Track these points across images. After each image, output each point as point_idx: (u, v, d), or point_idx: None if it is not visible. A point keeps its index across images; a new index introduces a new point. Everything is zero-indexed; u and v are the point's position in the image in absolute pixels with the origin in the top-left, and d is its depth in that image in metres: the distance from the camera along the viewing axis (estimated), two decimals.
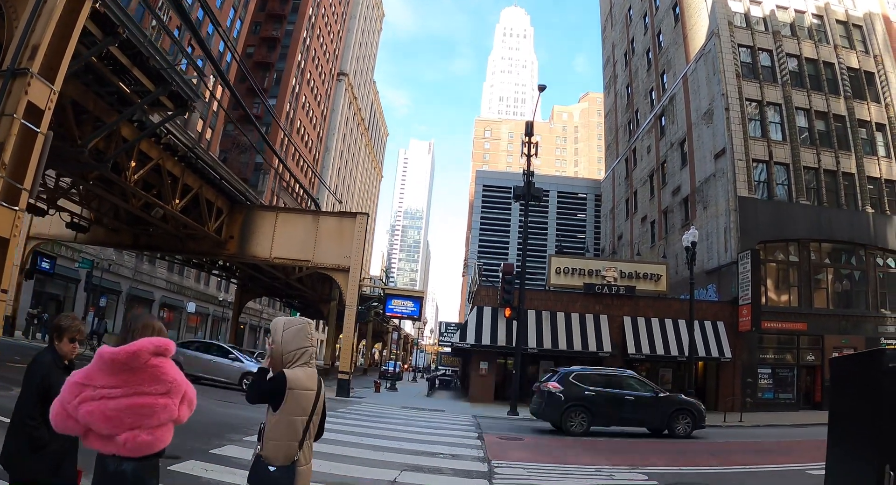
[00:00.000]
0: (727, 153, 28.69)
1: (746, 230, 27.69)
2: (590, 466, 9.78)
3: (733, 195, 28.07)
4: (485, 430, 15.03)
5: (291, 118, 62.31)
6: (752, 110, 30.17)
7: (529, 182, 22.75)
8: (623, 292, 27.09)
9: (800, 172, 29.63)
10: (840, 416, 5.09)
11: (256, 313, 63.50)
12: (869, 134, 32.18)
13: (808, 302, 28.68)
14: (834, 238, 29.60)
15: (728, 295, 28.01)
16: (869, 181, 31.22)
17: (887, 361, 4.21)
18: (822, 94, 31.60)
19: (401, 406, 21.48)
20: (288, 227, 26.82)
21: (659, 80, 38.97)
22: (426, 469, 8.34)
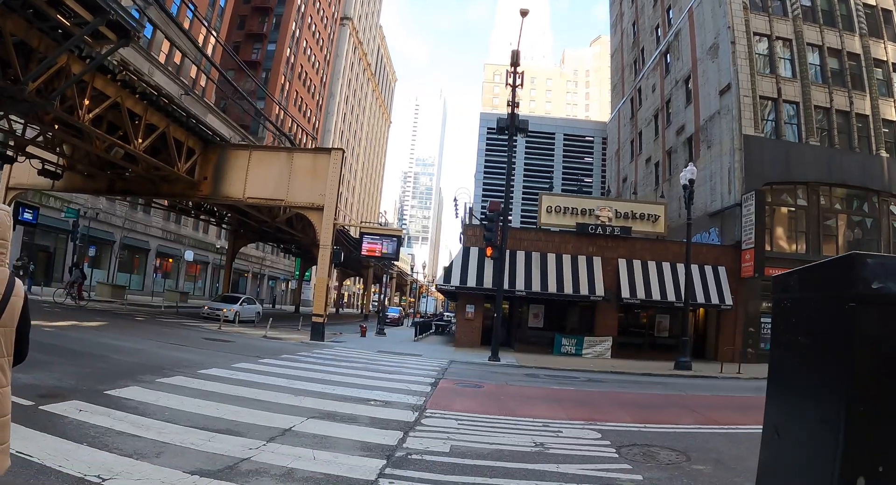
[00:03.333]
0: (732, 89, 27.89)
1: (752, 171, 26.97)
2: (539, 419, 9.15)
3: (738, 134, 27.31)
4: (448, 376, 14.61)
5: (292, 63, 61.69)
6: (761, 45, 29.32)
7: (514, 114, 22.09)
8: (618, 233, 26.49)
9: (810, 112, 28.82)
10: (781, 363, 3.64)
11: (258, 261, 63.34)
12: (885, 74, 31.34)
13: (817, 249, 28.01)
14: (845, 182, 28.89)
15: (731, 239, 27.41)
16: (884, 124, 30.51)
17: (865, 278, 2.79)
18: (835, 30, 30.68)
19: (377, 351, 21.14)
20: (262, 165, 26.37)
21: (665, 15, 38.03)
22: (340, 417, 7.88)
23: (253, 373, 11.29)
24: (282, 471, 5.18)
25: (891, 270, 2.80)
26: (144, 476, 4.63)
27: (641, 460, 6.78)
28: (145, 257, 44.10)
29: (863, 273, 2.81)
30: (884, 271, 2.79)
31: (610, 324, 26.39)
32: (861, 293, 2.78)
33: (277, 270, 70.64)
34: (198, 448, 5.62)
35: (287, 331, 26.75)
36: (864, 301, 2.78)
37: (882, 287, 2.77)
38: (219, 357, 13.43)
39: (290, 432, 6.68)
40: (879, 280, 2.79)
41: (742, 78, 27.81)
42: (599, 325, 26.34)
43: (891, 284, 2.76)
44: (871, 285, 2.78)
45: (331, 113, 78.41)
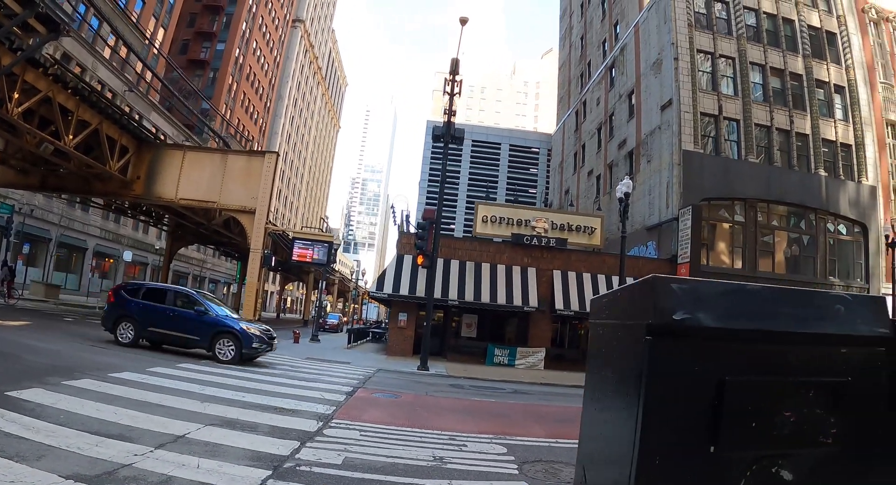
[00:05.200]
0: (674, 105, 28.75)
1: (690, 186, 27.74)
2: (448, 432, 9.23)
3: (678, 149, 28.13)
4: (368, 385, 14.71)
5: (241, 64, 61.63)
6: (704, 62, 30.33)
7: (450, 122, 22.42)
8: (554, 245, 26.99)
9: (751, 129, 29.83)
10: (592, 389, 3.50)
11: (199, 263, 62.57)
12: (826, 95, 32.58)
13: (753, 265, 28.89)
14: (784, 200, 29.92)
15: (668, 253, 28.19)
16: (824, 144, 31.75)
17: (665, 307, 2.55)
18: (779, 50, 31.87)
19: (305, 357, 21.22)
20: (195, 166, 26.41)
21: (612, 30, 39.22)
22: (240, 425, 7.86)
23: (166, 378, 11.26)
24: (160, 479, 5.19)
25: (698, 297, 2.58)
26: (17, 479, 4.66)
27: (542, 477, 6.77)
28: (82, 256, 43.49)
29: (662, 301, 2.54)
30: (689, 299, 2.55)
31: (543, 335, 26.82)
32: (659, 324, 2.53)
33: (218, 273, 69.94)
34: (82, 453, 5.61)
35: None
36: (662, 333, 2.52)
37: (688, 318, 2.53)
38: (136, 361, 13.23)
39: (183, 439, 6.65)
40: (684, 310, 2.53)
41: (684, 94, 28.65)
42: (533, 336, 26.76)
43: (700, 315, 2.54)
44: (671, 315, 2.52)
45: (278, 115, 78.59)
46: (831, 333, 2.68)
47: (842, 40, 34.01)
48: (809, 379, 2.63)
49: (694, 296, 2.56)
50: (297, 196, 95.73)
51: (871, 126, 32.96)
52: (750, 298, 2.67)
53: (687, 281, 2.60)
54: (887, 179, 33.09)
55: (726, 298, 2.64)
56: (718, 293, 2.64)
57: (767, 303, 2.67)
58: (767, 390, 2.58)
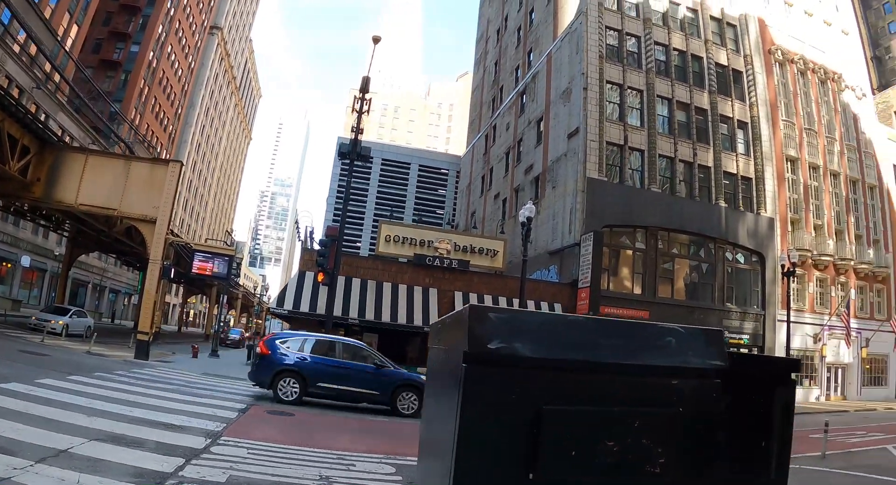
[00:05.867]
0: (580, 133, 29.78)
1: (593, 213, 28.73)
2: (338, 451, 9.38)
3: (582, 176, 29.15)
4: (263, 403, 14.74)
5: (154, 68, 60.59)
6: (612, 93, 31.47)
7: (356, 140, 22.81)
8: (456, 266, 27.55)
9: (655, 160, 31.12)
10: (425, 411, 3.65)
11: (100, 272, 60.62)
12: (730, 130, 34.25)
13: (653, 291, 30.00)
14: (684, 229, 31.23)
15: (569, 277, 29.05)
16: (725, 176, 33.31)
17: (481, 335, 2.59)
18: (686, 85, 33.39)
19: (202, 373, 21.08)
20: (98, 171, 26.00)
21: (526, 57, 40.49)
22: (126, 441, 7.78)
23: (55, 390, 11.01)
24: None
25: (516, 327, 2.62)
26: None
27: None
28: None
29: (477, 330, 2.57)
30: (507, 329, 2.59)
31: None
32: (474, 353, 2.54)
33: (120, 283, 68.04)
34: None
35: (115, 347, 26.17)
36: (477, 361, 2.53)
37: (504, 347, 2.56)
38: (26, 371, 12.87)
39: (66, 454, 6.55)
40: (500, 339, 2.56)
41: (591, 123, 29.75)
42: None
43: (516, 345, 2.57)
44: (486, 344, 2.55)
45: (189, 124, 77.53)
46: (660, 365, 2.73)
47: (747, 78, 35.85)
48: (636, 409, 2.66)
49: (511, 326, 2.60)
50: (204, 207, 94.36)
51: (772, 161, 34.76)
52: (571, 329, 2.74)
53: (505, 311, 2.65)
54: (785, 212, 34.87)
55: (546, 329, 2.68)
56: (538, 323, 2.69)
57: (590, 334, 2.72)
58: (588, 419, 2.61)
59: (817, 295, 36.42)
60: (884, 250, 40.28)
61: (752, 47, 36.69)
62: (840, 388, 37.25)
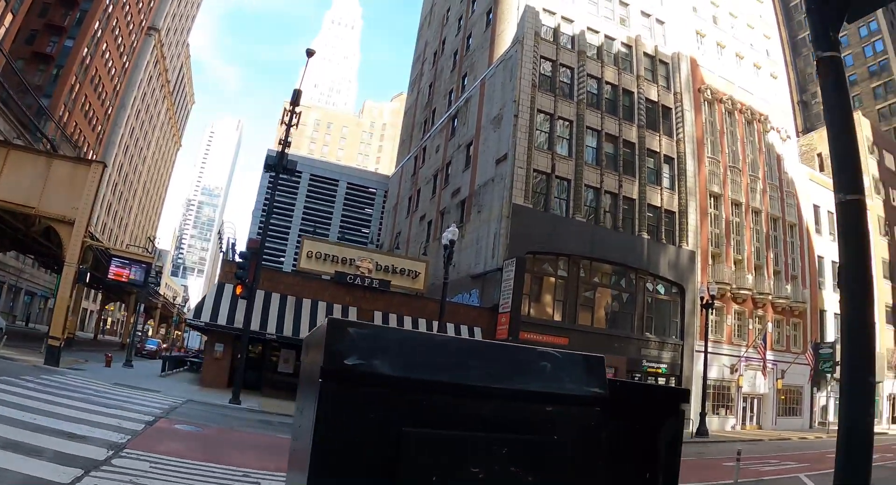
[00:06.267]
0: (509, 159, 30.38)
1: (517, 239, 29.26)
2: (243, 468, 9.30)
3: (508, 202, 29.65)
4: (173, 416, 14.60)
5: (87, 65, 59.26)
6: (543, 122, 32.25)
7: (283, 153, 22.88)
8: (377, 286, 27.68)
9: (581, 190, 31.87)
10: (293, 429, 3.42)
11: (16, 272, 58.62)
12: (656, 164, 35.33)
13: (573, 318, 30.65)
14: (607, 258, 32.03)
15: (490, 302, 29.40)
16: (649, 209, 34.31)
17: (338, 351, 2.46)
18: (616, 118, 34.41)
19: (113, 383, 20.67)
20: (18, 167, 25.43)
21: (460, 81, 41.15)
22: (23, 449, 7.57)
23: None
24: None
25: (377, 344, 2.48)
26: None
27: None
28: None
29: (335, 345, 2.44)
30: (367, 345, 2.46)
31: None
32: (331, 369, 2.42)
33: (36, 285, 65.96)
34: None
35: (26, 352, 25.57)
36: (333, 378, 2.41)
37: (362, 364, 2.44)
38: None
39: None
40: (358, 355, 2.43)
41: (519, 150, 30.38)
42: None
43: (376, 362, 2.44)
44: (344, 360, 2.42)
45: (119, 125, 75.99)
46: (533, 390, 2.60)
47: (676, 115, 37.18)
48: (504, 436, 2.52)
49: (373, 342, 2.47)
50: (128, 212, 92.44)
51: (696, 196, 36.00)
52: (438, 349, 2.59)
53: (368, 326, 2.47)
54: (706, 246, 36.11)
55: (410, 347, 2.53)
56: (401, 341, 2.54)
57: (459, 355, 2.59)
58: (452, 444, 2.47)
59: (735, 327, 37.70)
60: (801, 286, 41.96)
61: (682, 85, 38.09)
62: (756, 417, 38.51)
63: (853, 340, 3.40)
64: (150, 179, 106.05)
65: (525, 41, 32.90)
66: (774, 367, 38.35)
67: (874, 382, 3.41)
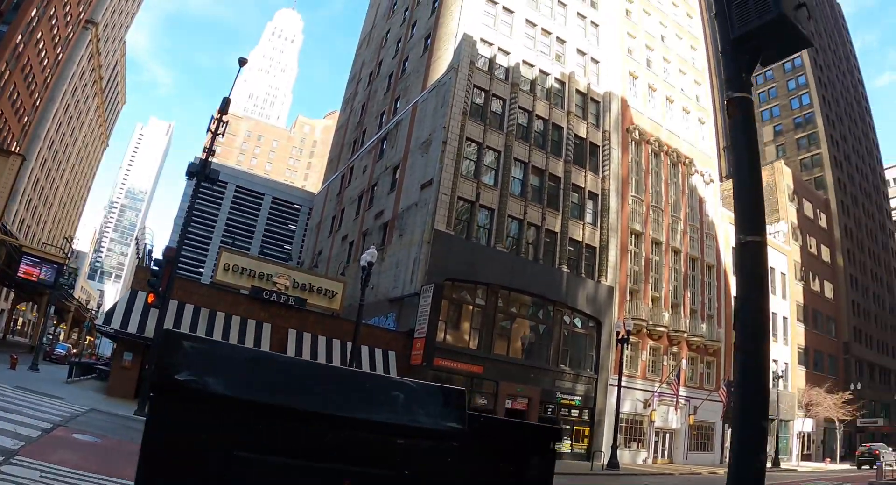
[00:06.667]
0: (433, 185, 30.73)
1: (436, 265, 29.53)
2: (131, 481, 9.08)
3: (430, 227, 29.97)
4: (73, 424, 14.16)
5: (20, 53, 57.37)
6: (471, 150, 32.71)
7: (207, 161, 22.59)
8: (293, 303, 27.46)
9: (504, 220, 32.40)
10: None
11: None
12: (580, 199, 36.21)
13: (489, 347, 30.96)
14: (526, 290, 32.52)
15: (406, 326, 29.48)
16: (570, 243, 35.11)
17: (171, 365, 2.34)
18: (544, 152, 35.22)
19: (15, 386, 19.92)
20: None
21: (393, 104, 41.67)
22: None
23: None
24: None
25: (214, 360, 2.38)
26: None
27: None
28: None
29: (168, 358, 2.33)
30: (202, 361, 2.35)
31: None
32: (161, 383, 2.32)
33: None
34: None
35: None
36: (163, 392, 2.32)
37: (193, 381, 2.31)
38: None
39: None
40: (191, 371, 2.31)
41: (445, 176, 30.78)
42: None
43: (209, 379, 2.33)
44: (174, 375, 2.30)
45: (46, 118, 73.82)
46: (382, 421, 2.50)
47: (603, 153, 38.33)
48: (348, 468, 2.41)
49: (208, 358, 2.35)
50: (48, 209, 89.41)
51: (617, 232, 37.04)
52: (281, 370, 2.52)
53: (206, 341, 2.43)
54: (625, 282, 37.07)
55: (250, 366, 2.44)
56: (241, 359, 2.46)
57: (303, 378, 2.52)
58: (288, 473, 2.35)
59: (650, 363, 38.65)
60: (716, 326, 43.43)
61: (612, 124, 39.36)
62: (667, 452, 39.38)
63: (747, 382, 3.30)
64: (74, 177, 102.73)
65: (460, 69, 33.52)
66: (687, 403, 39.43)
67: (766, 425, 3.29)
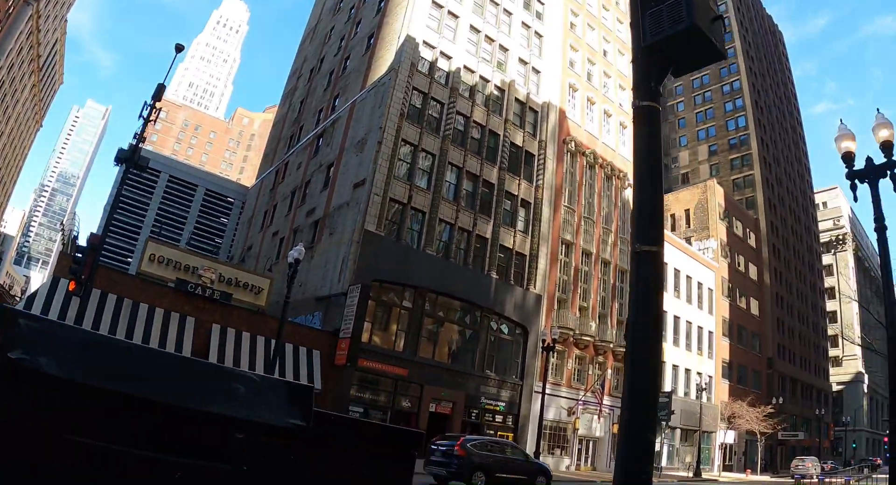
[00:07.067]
0: (366, 185, 30.97)
1: (364, 265, 29.75)
2: None
3: (360, 227, 30.17)
4: None
5: None
6: (406, 152, 32.99)
7: (138, 147, 22.10)
8: (218, 298, 27.14)
9: (435, 224, 32.87)
10: None
11: None
12: (513, 207, 36.94)
13: (415, 350, 31.34)
14: (454, 294, 33.03)
15: (332, 326, 29.51)
16: (501, 249, 35.73)
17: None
18: (479, 158, 35.81)
19: None
20: None
21: (331, 101, 41.84)
22: None
23: None
24: None
25: (51, 340, 2.28)
26: None
27: None
28: None
29: (2, 336, 2.22)
30: (37, 340, 2.25)
31: None
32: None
33: None
34: None
35: None
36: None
37: (26, 360, 2.22)
38: None
39: None
40: (24, 349, 2.22)
41: (378, 177, 31.02)
42: None
43: (43, 359, 2.24)
44: (7, 353, 2.21)
45: None
46: (220, 414, 2.42)
47: (538, 162, 39.17)
48: (182, 459, 2.32)
49: (45, 337, 2.25)
50: None
51: (548, 241, 37.86)
52: (118, 356, 2.43)
53: (42, 320, 2.35)
54: (553, 291, 37.87)
55: (88, 349, 2.34)
56: (79, 341, 2.37)
57: (142, 366, 2.43)
58: (117, 461, 2.25)
59: (575, 371, 39.55)
60: None
61: (548, 134, 40.25)
62: (591, 459, 40.33)
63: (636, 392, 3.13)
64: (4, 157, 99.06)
65: (400, 70, 33.81)
66: (612, 412, 40.42)
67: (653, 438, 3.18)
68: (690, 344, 53.33)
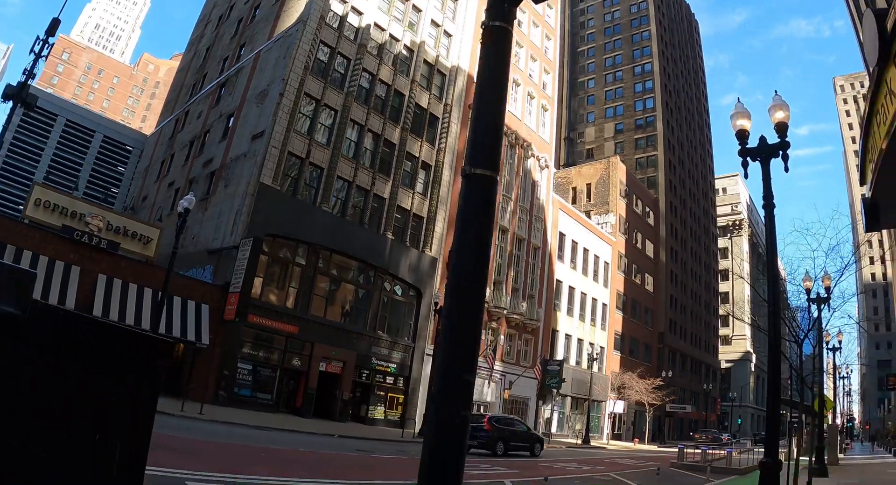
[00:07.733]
0: (264, 137, 30.95)
1: (258, 219, 29.79)
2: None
3: (255, 180, 30.18)
4: None
5: None
6: (307, 106, 32.98)
7: (27, 84, 21.17)
8: (104, 247, 26.61)
9: (332, 181, 33.21)
10: None
11: None
12: (413, 168, 37.68)
13: (306, 307, 31.64)
14: (348, 253, 33.52)
15: (223, 280, 29.48)
16: (398, 211, 36.31)
17: None
18: (382, 117, 36.26)
19: None
20: None
21: (237, 50, 41.54)
22: None
23: None
24: None
25: None
26: None
27: None
28: None
29: None
30: None
31: None
32: None
33: None
34: None
35: None
36: None
37: None
38: None
39: None
40: None
41: (277, 130, 30.99)
42: None
43: None
44: None
45: None
46: None
47: (442, 125, 39.90)
48: None
49: None
50: None
51: (447, 205, 38.77)
52: None
53: None
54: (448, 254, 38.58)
55: None
56: None
57: None
58: None
59: None
60: (537, 305, 46.49)
61: (454, 98, 40.93)
62: None
63: (454, 326, 2.86)
64: None
65: (309, 22, 33.52)
66: (503, 378, 42.03)
67: (471, 379, 2.72)
68: (584, 315, 55.79)
